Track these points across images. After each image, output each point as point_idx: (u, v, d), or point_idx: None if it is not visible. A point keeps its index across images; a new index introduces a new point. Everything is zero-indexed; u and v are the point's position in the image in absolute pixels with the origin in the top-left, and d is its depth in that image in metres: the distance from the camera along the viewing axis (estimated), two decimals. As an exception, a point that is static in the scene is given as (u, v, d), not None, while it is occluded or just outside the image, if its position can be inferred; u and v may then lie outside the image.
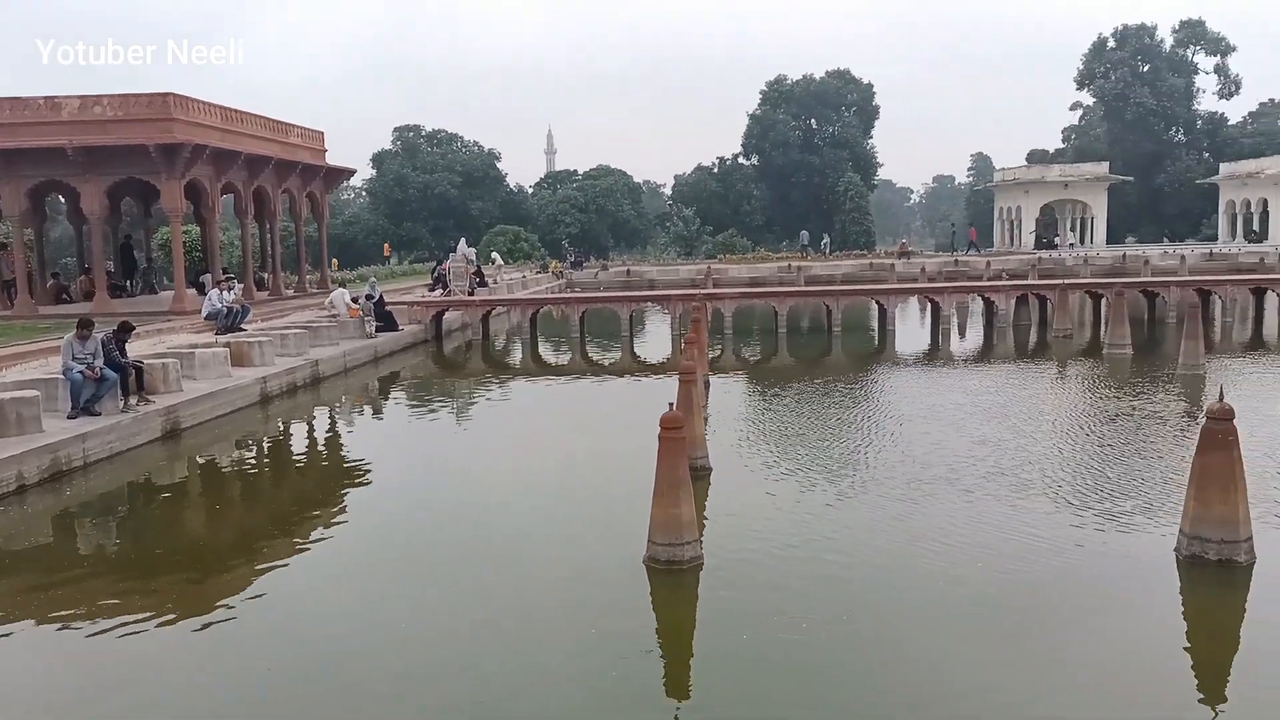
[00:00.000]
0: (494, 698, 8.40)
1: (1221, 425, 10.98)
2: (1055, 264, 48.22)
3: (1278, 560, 10.97)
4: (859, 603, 10.38)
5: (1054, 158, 77.15)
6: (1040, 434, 17.59)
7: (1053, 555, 11.62)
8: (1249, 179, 59.35)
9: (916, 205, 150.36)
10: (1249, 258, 48.88)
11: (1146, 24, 74.38)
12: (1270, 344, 30.51)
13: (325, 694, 8.54)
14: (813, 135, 75.17)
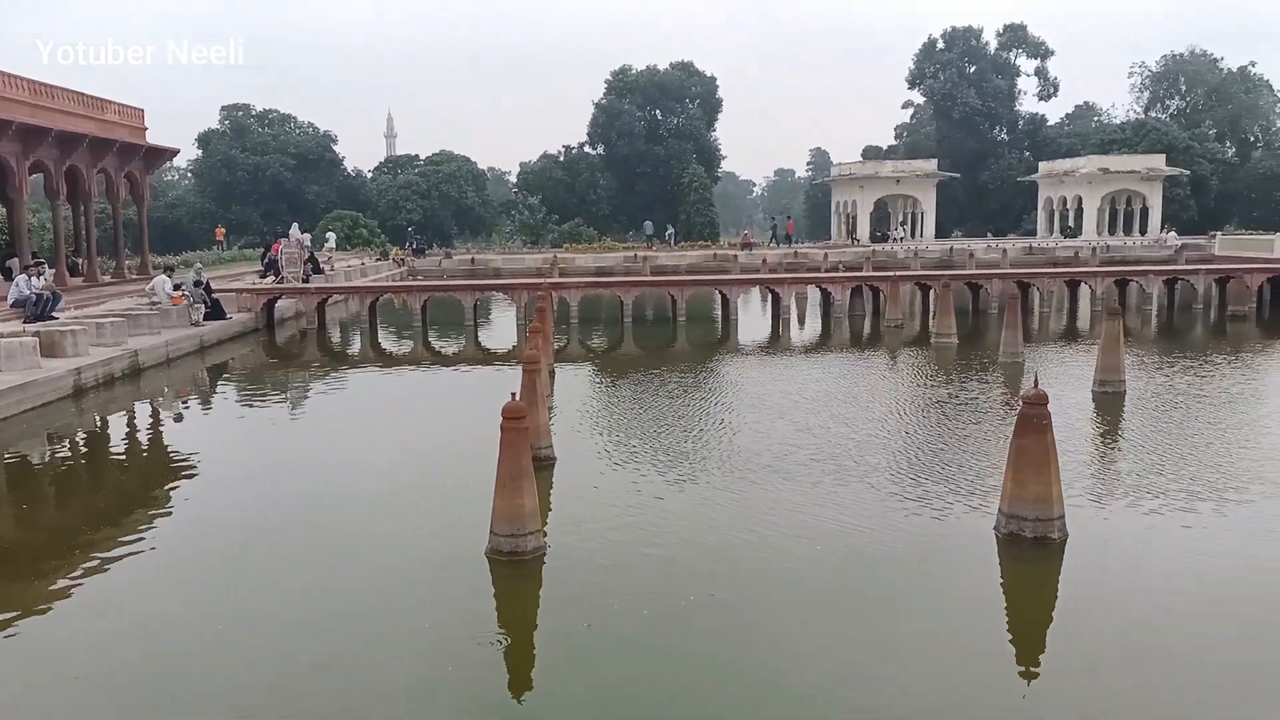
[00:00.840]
0: (331, 699, 8.09)
1: (1036, 410, 11.59)
2: (888, 257, 50.16)
3: (1088, 537, 11.68)
4: (699, 586, 10.50)
5: (887, 154, 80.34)
6: (872, 421, 18.24)
7: (881, 535, 12.06)
8: (1065, 177, 63.27)
9: (759, 198, 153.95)
10: (1065, 252, 52.08)
11: (973, 27, 78.37)
12: (1083, 333, 32.57)
13: (145, 706, 8.04)
14: (658, 126, 75.87)
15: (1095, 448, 16.38)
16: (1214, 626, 9.52)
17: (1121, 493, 13.54)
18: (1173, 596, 10.25)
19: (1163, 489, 13.50)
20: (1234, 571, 10.80)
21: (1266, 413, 19.11)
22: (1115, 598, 10.35)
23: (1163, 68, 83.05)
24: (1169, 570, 10.95)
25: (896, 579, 10.93)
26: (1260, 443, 16.13)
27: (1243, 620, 9.63)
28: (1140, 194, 62.39)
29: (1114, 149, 68.62)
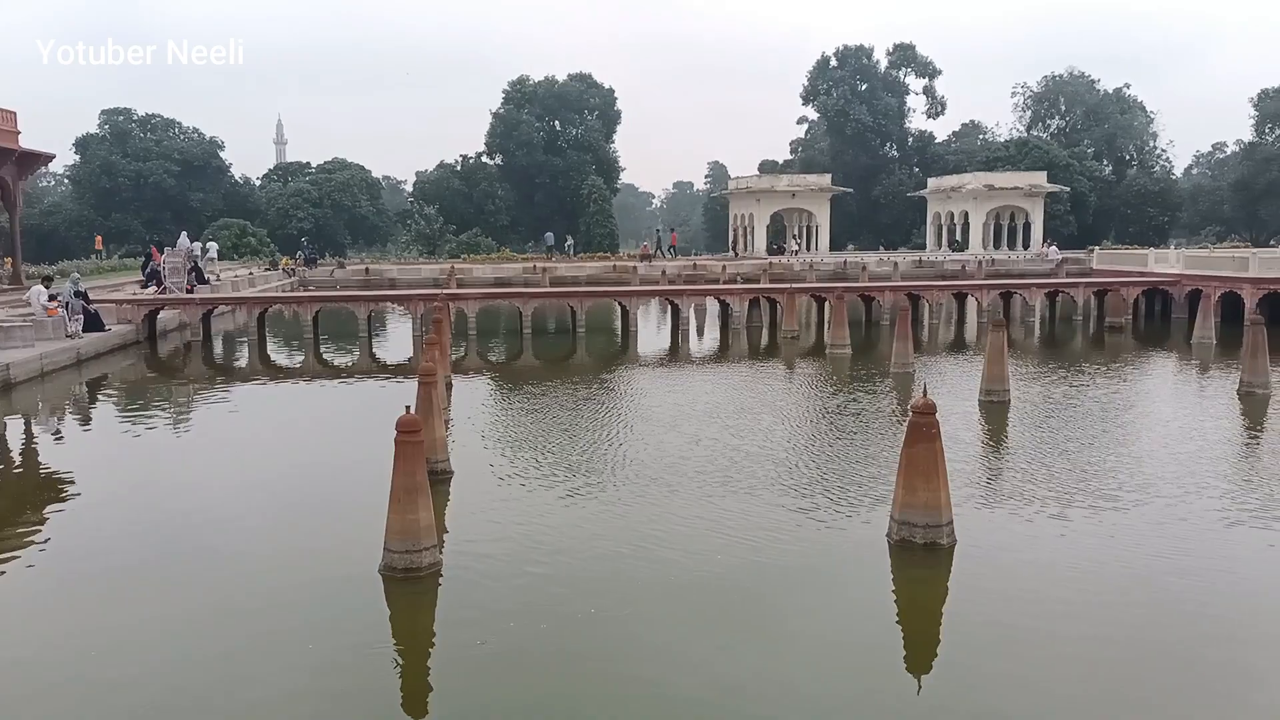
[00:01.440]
0: (211, 727, 7.78)
1: (925, 419, 11.89)
2: (785, 269, 50.98)
3: (976, 541, 12.01)
4: (597, 600, 10.47)
5: (783, 168, 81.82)
6: (768, 431, 18.48)
7: (777, 545, 12.21)
8: (952, 193, 65.36)
9: (658, 210, 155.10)
10: (953, 265, 53.73)
11: (864, 45, 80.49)
12: (970, 344, 33.62)
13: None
14: (556, 137, 75.79)
15: (982, 455, 16.89)
16: (1093, 625, 9.87)
17: (1006, 498, 13.98)
18: (1054, 597, 10.60)
19: (1045, 494, 13.98)
20: (1110, 573, 11.23)
21: (1140, 421, 19.98)
22: (1002, 600, 10.66)
23: (1044, 88, 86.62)
24: (1051, 572, 11.31)
25: (791, 588, 11.05)
26: (1132, 450, 16.84)
27: (1118, 620, 10.02)
28: (1023, 210, 64.82)
29: (998, 166, 71.18)
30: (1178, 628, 9.88)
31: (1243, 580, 11.04)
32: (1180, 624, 9.97)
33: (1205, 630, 9.80)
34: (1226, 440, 17.60)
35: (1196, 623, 9.97)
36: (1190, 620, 10.03)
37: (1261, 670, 8.97)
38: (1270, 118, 78.62)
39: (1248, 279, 34.64)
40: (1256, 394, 20.97)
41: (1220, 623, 9.96)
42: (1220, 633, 9.73)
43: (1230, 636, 9.64)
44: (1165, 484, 14.36)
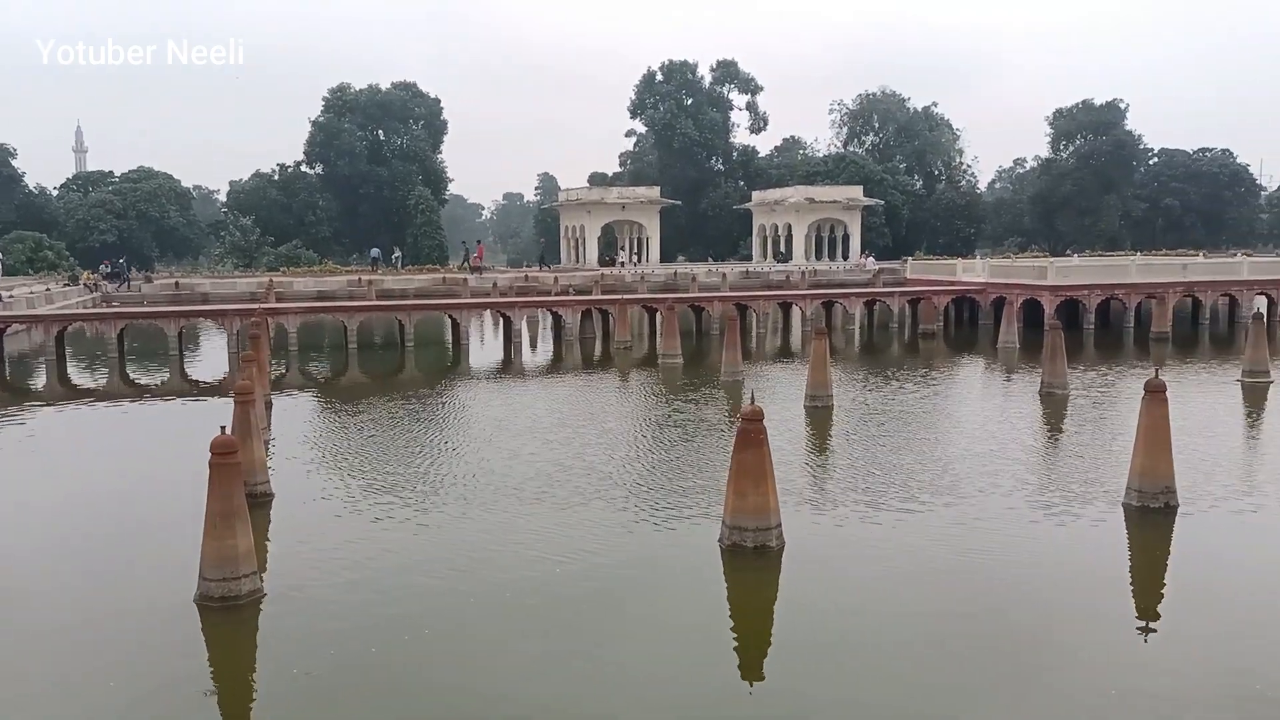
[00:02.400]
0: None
1: (753, 425, 12.12)
2: (617, 280, 51.27)
3: (804, 542, 12.32)
4: (427, 620, 10.19)
5: (613, 180, 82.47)
6: (602, 442, 18.49)
7: (610, 554, 12.23)
8: (775, 206, 67.37)
9: (488, 221, 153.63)
10: (778, 276, 55.25)
11: (689, 61, 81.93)
12: (796, 351, 34.63)
13: None
14: (381, 147, 73.84)
15: (808, 459, 17.38)
16: (915, 619, 10.28)
17: (832, 500, 14.42)
18: (878, 593, 10.98)
19: (867, 495, 14.50)
20: (928, 568, 11.73)
21: (951, 423, 21.04)
22: (829, 597, 10.98)
23: (859, 106, 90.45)
24: (874, 569, 11.73)
25: (625, 597, 11.08)
26: (945, 451, 17.70)
27: (937, 612, 10.47)
28: (842, 222, 67.44)
29: (818, 180, 73.82)
30: (989, 617, 10.39)
31: (1044, 570, 11.73)
32: (991, 614, 10.48)
33: (1014, 619, 10.35)
34: (1029, 439, 18.71)
35: (1006, 612, 10.52)
36: (999, 609, 10.57)
37: (1063, 654, 9.52)
38: (1064, 135, 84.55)
39: (1046, 286, 37.04)
40: (1056, 394, 22.40)
41: (1026, 610, 10.54)
42: (1028, 621, 10.29)
43: (1035, 625, 10.21)
44: (975, 482, 15.13)
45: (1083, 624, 10.16)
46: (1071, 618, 10.33)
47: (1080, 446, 17.77)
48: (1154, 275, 38.75)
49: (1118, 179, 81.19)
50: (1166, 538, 12.54)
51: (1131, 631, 9.95)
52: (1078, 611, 10.49)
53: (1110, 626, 10.05)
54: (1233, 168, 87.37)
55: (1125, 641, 9.71)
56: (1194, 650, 9.52)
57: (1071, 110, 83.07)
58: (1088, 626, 10.09)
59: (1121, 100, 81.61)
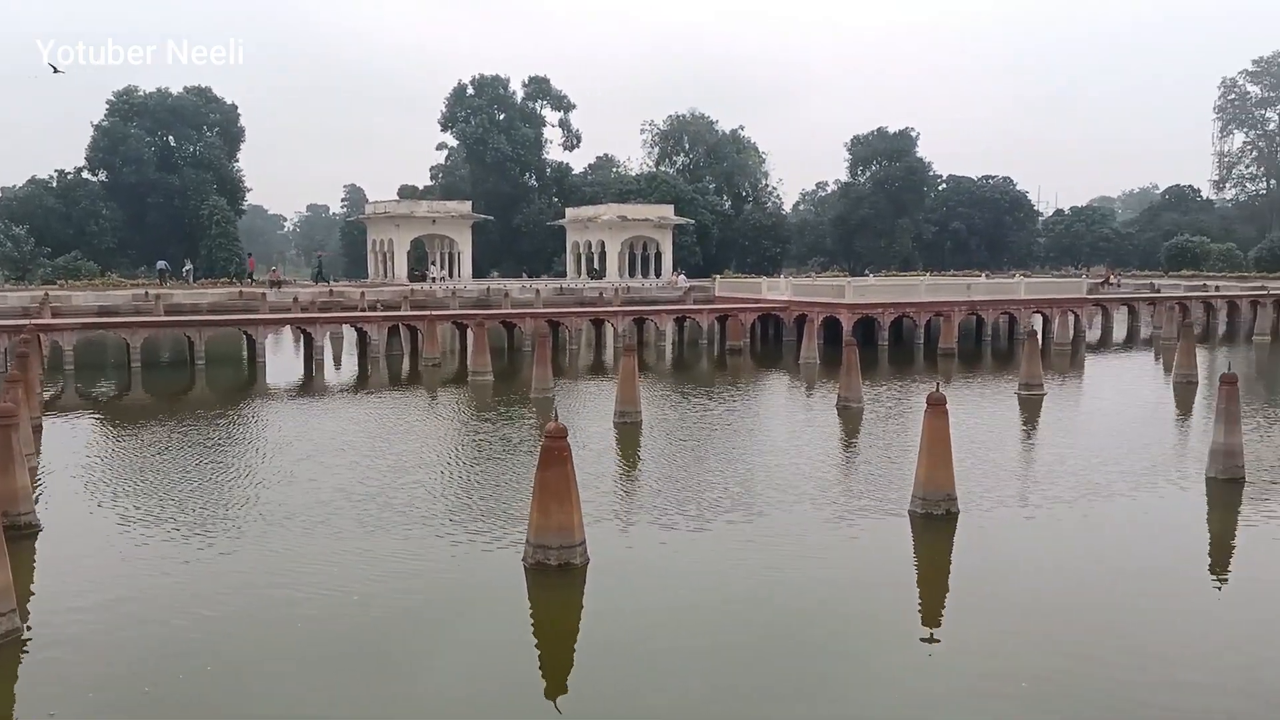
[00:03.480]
0: None
1: (556, 443, 11.99)
2: (427, 295, 50.24)
3: (608, 558, 12.28)
4: (209, 655, 9.53)
5: (424, 194, 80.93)
6: (408, 461, 17.97)
7: (413, 576, 11.87)
8: (589, 223, 67.84)
9: (291, 233, 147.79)
10: (591, 293, 55.54)
11: (501, 76, 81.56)
12: (608, 368, 34.77)
13: None
14: (172, 154, 69.61)
15: (615, 475, 17.40)
16: (717, 630, 10.39)
17: (637, 515, 14.46)
18: (682, 606, 11.04)
19: (672, 510, 14.61)
20: (730, 581, 11.91)
21: (756, 437, 21.56)
22: (633, 613, 10.99)
23: (669, 127, 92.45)
24: (678, 584, 11.81)
25: (427, 620, 10.76)
26: (750, 464, 18.12)
27: (736, 625, 10.62)
28: (655, 240, 68.63)
29: (631, 198, 74.91)
30: (784, 628, 10.63)
31: (836, 580, 12.12)
32: (785, 625, 10.72)
33: (808, 629, 10.60)
34: (825, 452, 19.38)
35: (800, 622, 10.77)
36: (794, 620, 10.82)
37: (853, 662, 9.82)
38: (861, 160, 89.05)
39: (844, 305, 38.69)
40: (851, 408, 23.34)
41: (819, 619, 10.83)
42: (820, 630, 10.57)
43: (827, 634, 10.50)
44: (774, 495, 15.52)
45: (872, 632, 10.54)
46: (860, 626, 10.70)
47: (871, 458, 18.57)
48: (941, 295, 41.12)
49: (910, 203, 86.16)
50: (948, 544, 13.19)
51: (916, 636, 10.36)
52: (867, 619, 10.87)
53: (897, 633, 10.44)
54: (1013, 194, 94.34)
55: (911, 647, 10.10)
56: (972, 652, 9.99)
57: (868, 137, 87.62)
58: (877, 634, 10.47)
59: (913, 129, 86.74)
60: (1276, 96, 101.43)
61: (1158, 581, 11.94)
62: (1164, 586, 11.76)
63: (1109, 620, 10.55)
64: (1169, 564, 12.63)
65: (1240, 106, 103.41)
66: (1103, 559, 12.63)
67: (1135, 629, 10.38)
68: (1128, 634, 10.22)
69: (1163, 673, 9.43)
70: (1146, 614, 10.84)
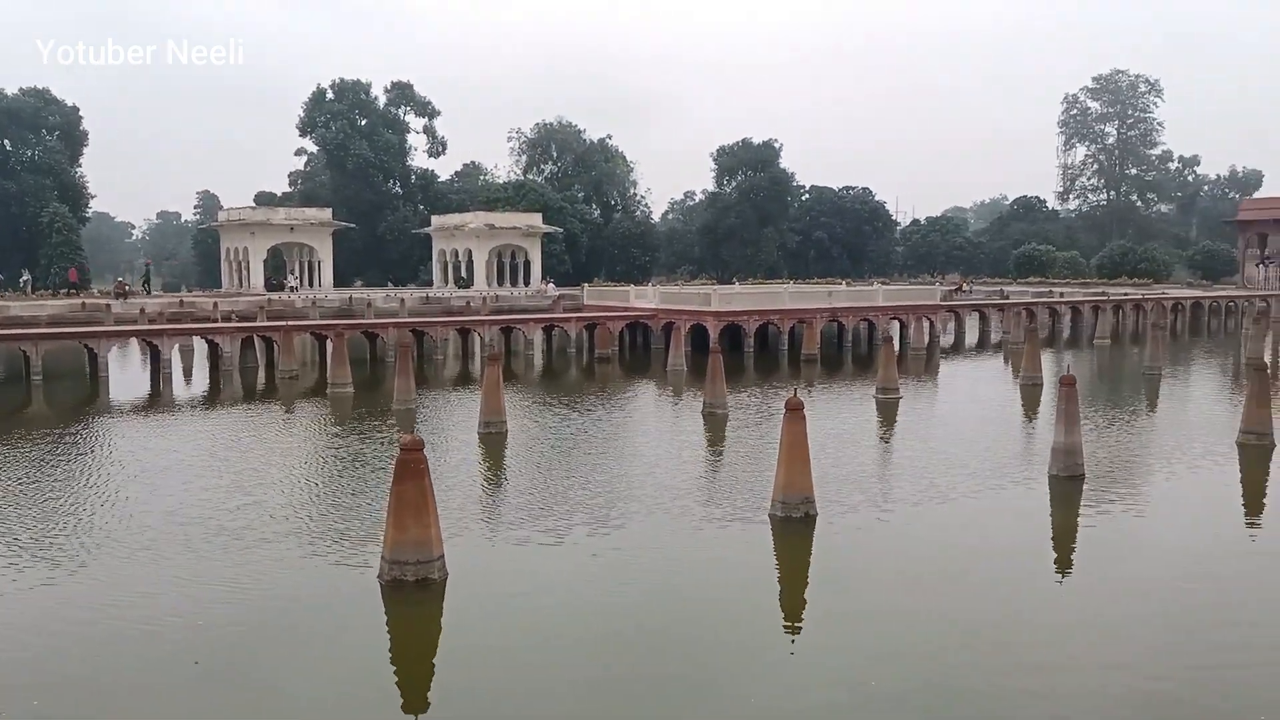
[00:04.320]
0: None
1: (413, 456, 11.66)
2: (286, 306, 48.63)
3: (469, 572, 12.00)
4: (42, 691, 8.87)
5: (282, 201, 78.34)
6: (261, 477, 17.28)
7: (266, 595, 11.40)
8: (455, 231, 66.82)
9: (140, 242, 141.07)
10: (458, 302, 54.77)
11: (362, 80, 79.54)
12: (475, 378, 34.20)
13: None
14: (8, 158, 65.38)
15: (478, 486, 17.05)
16: (578, 642, 10.24)
17: (500, 527, 14.19)
18: (544, 618, 10.84)
19: (536, 521, 14.39)
20: (594, 590, 11.78)
21: (623, 445, 21.51)
22: (494, 626, 10.77)
23: (537, 135, 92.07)
24: (540, 596, 11.60)
25: (281, 640, 10.35)
26: (616, 472, 18.04)
27: (598, 634, 10.49)
28: (523, 248, 68.13)
29: (499, 206, 74.16)
30: (647, 635, 10.56)
31: (699, 585, 12.12)
32: (648, 631, 10.66)
33: (671, 635, 10.56)
34: (690, 458, 19.45)
35: (663, 629, 10.72)
36: (657, 627, 10.77)
37: (715, 668, 9.80)
38: (727, 171, 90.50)
39: (711, 312, 39.15)
40: (717, 414, 23.53)
41: (682, 626, 10.80)
42: (683, 636, 10.53)
43: (691, 640, 10.46)
44: (638, 502, 15.46)
45: (734, 634, 10.57)
46: (722, 628, 10.72)
47: (734, 463, 18.74)
48: (804, 302, 42.04)
49: (775, 213, 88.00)
50: (807, 546, 13.37)
51: (778, 637, 10.43)
52: (729, 622, 10.89)
53: (759, 634, 10.51)
54: (872, 204, 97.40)
55: (772, 647, 10.16)
56: (831, 650, 10.12)
57: (733, 147, 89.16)
58: (739, 636, 10.51)
59: (776, 140, 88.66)
60: (1114, 112, 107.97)
61: (1004, 576, 12.35)
62: (1010, 580, 12.16)
63: (958, 614, 10.84)
64: (1015, 559, 13.08)
65: (1082, 121, 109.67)
66: (953, 556, 13.00)
67: (983, 621, 10.70)
68: (975, 626, 10.53)
69: (1007, 660, 9.73)
70: (994, 607, 11.19)
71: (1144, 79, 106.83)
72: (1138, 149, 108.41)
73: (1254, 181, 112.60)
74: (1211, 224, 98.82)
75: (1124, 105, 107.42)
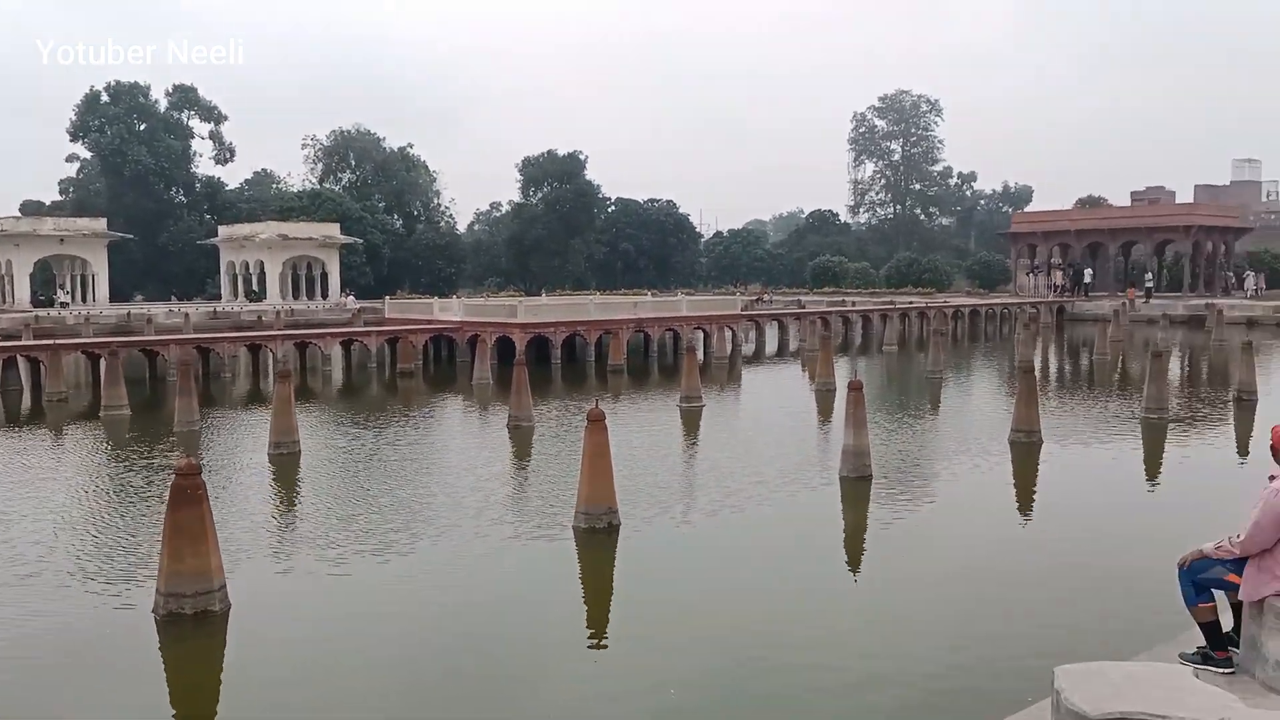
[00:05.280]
0: None
1: (189, 481, 10.91)
2: (56, 323, 45.08)
3: (253, 602, 11.30)
4: None
5: (52, 210, 72.70)
6: (24, 510, 15.77)
7: (26, 637, 10.39)
8: (246, 242, 63.74)
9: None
10: (250, 316, 52.27)
11: (140, 83, 74.82)
12: (267, 397, 32.57)
13: None
14: None
15: (265, 511, 16.15)
16: (370, 668, 9.76)
17: (289, 553, 13.47)
18: (335, 647, 10.31)
19: (326, 544, 13.73)
20: (387, 614, 11.29)
21: (426, 462, 20.90)
22: (279, 656, 10.22)
23: (333, 142, 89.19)
24: (331, 621, 11.05)
25: (45, 684, 9.43)
26: (419, 491, 17.48)
27: (397, 658, 10.04)
28: (320, 260, 65.73)
29: (293, 216, 71.31)
30: (449, 655, 10.23)
31: (503, 601, 11.84)
32: (451, 651, 10.33)
33: (475, 654, 10.25)
34: (494, 473, 19.09)
35: (466, 648, 10.40)
36: (461, 646, 10.44)
37: (520, 683, 9.57)
38: (533, 182, 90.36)
39: (517, 324, 38.80)
40: (522, 427, 23.27)
41: (486, 643, 10.50)
42: (486, 655, 10.25)
43: (494, 658, 10.19)
44: (443, 519, 15.03)
45: (538, 649, 10.39)
46: (526, 644, 10.52)
47: (538, 476, 18.57)
48: (610, 313, 42.35)
49: (581, 224, 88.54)
50: (610, 556, 13.32)
51: (582, 649, 10.30)
52: (532, 637, 10.69)
53: (563, 647, 10.36)
54: (677, 217, 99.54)
55: (576, 660, 10.03)
56: (634, 663, 10.05)
57: (539, 159, 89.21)
58: (543, 651, 10.33)
59: (581, 152, 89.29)
60: (899, 130, 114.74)
61: (800, 576, 12.68)
62: (805, 581, 12.49)
63: (757, 618, 11.01)
64: (810, 559, 13.47)
65: (869, 139, 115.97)
66: (752, 560, 13.25)
67: (780, 623, 10.91)
68: (774, 628, 10.72)
69: (803, 658, 9.93)
70: (790, 608, 11.44)
71: (925, 99, 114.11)
72: (921, 165, 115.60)
73: (1025, 196, 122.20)
74: (987, 236, 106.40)
75: (908, 124, 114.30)
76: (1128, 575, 12.20)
